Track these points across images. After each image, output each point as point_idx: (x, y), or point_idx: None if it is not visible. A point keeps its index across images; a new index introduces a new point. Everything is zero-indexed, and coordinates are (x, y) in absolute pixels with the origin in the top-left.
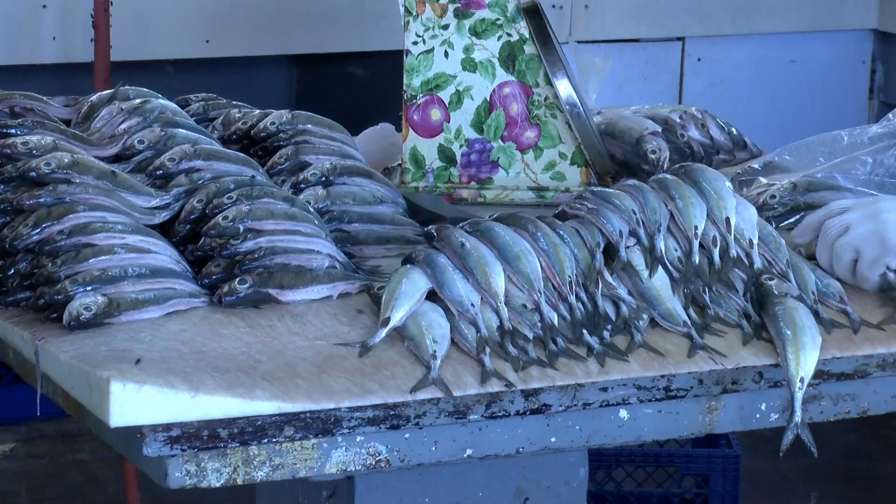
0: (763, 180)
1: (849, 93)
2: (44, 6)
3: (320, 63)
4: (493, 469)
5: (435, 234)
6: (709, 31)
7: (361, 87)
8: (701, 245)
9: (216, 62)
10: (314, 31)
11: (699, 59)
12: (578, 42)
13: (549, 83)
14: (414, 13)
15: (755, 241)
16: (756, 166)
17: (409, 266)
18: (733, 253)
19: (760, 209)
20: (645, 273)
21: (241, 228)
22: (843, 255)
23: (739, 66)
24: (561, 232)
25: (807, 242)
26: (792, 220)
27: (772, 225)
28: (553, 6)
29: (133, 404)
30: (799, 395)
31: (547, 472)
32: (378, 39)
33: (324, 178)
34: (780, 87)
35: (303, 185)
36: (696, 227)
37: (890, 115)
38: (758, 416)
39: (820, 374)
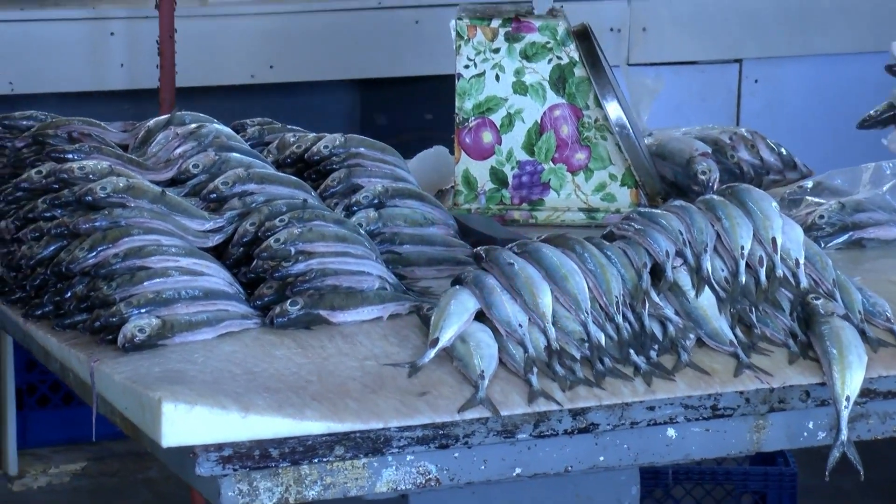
0: (811, 199)
1: None
2: (111, 34)
3: (383, 87)
4: (546, 487)
5: (483, 255)
6: (766, 53)
7: (422, 110)
8: (747, 265)
9: (280, 87)
10: (376, 56)
11: (756, 81)
12: (637, 65)
13: (599, 105)
14: (465, 37)
15: (801, 261)
16: (806, 186)
17: (457, 287)
18: (780, 273)
19: (809, 229)
20: (691, 293)
21: (293, 251)
22: None
23: (797, 86)
24: (608, 252)
25: None
26: (840, 239)
27: (820, 245)
28: (611, 29)
29: (185, 424)
30: (845, 414)
31: (599, 489)
32: (437, 64)
33: (376, 201)
34: (837, 108)
35: (355, 208)
36: (742, 248)
37: None
38: (805, 434)
39: (867, 393)
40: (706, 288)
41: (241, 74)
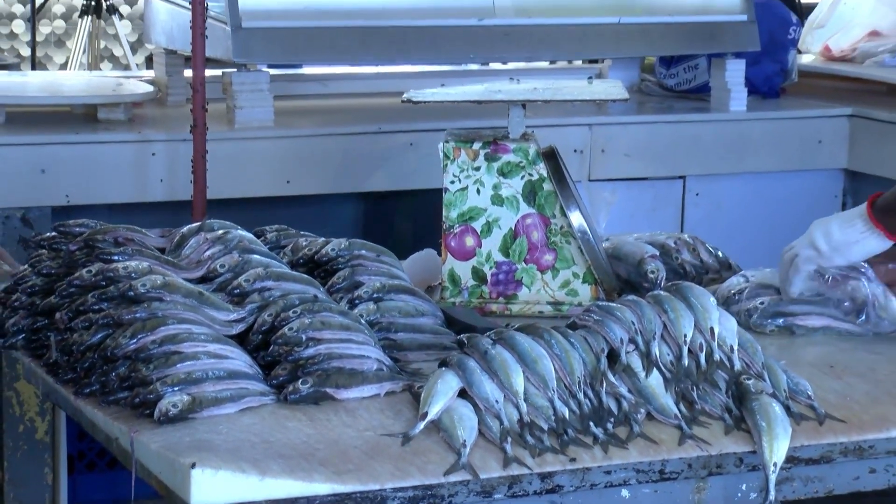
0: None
1: None
2: (153, 154)
3: (383, 199)
4: None
5: (466, 341)
6: (706, 171)
7: (415, 218)
8: (689, 350)
9: (295, 199)
10: (377, 172)
11: (698, 194)
12: (597, 180)
13: (564, 215)
14: (451, 157)
15: (735, 347)
16: (741, 283)
17: (444, 369)
18: (717, 357)
19: (749, 313)
20: (642, 374)
21: (304, 338)
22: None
23: (732, 199)
24: (571, 339)
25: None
26: (775, 322)
27: (758, 322)
28: (574, 151)
29: (211, 487)
30: (773, 478)
31: None
32: (428, 179)
33: (375, 296)
34: (766, 217)
35: (357, 301)
36: (685, 336)
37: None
38: (739, 495)
39: (791, 460)
40: (654, 370)
41: (262, 188)
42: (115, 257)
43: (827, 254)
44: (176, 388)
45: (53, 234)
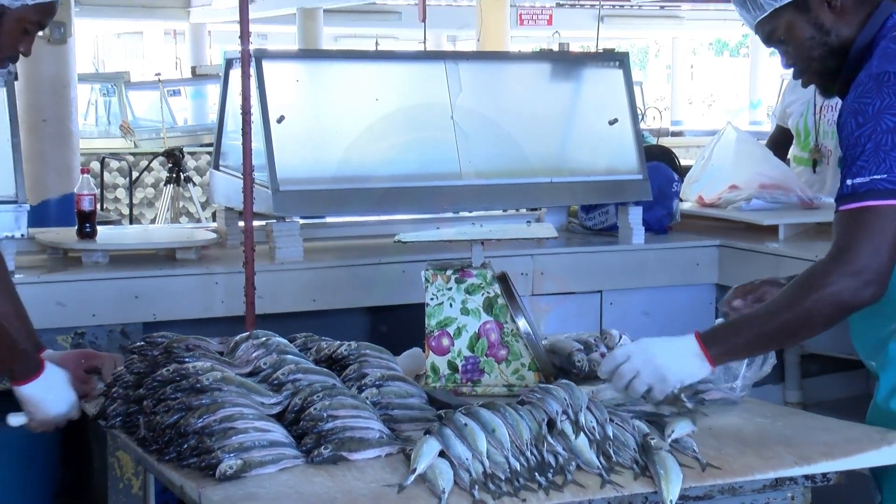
0: None
1: (702, 326)
2: (216, 283)
3: (385, 311)
4: None
5: (444, 415)
6: (617, 287)
7: (406, 326)
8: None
9: (319, 313)
10: (379, 292)
11: (611, 304)
12: (538, 295)
13: (514, 321)
14: (431, 281)
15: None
16: None
17: (428, 435)
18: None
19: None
20: (573, 437)
21: (325, 415)
22: (640, 390)
23: (635, 306)
24: (520, 412)
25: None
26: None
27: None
28: (521, 274)
29: None
30: None
31: None
32: (415, 296)
33: (377, 383)
34: (660, 319)
35: (364, 387)
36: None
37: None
38: None
39: (683, 497)
40: (582, 433)
41: (295, 305)
42: (187, 359)
43: (673, 384)
44: (232, 455)
45: (142, 343)
